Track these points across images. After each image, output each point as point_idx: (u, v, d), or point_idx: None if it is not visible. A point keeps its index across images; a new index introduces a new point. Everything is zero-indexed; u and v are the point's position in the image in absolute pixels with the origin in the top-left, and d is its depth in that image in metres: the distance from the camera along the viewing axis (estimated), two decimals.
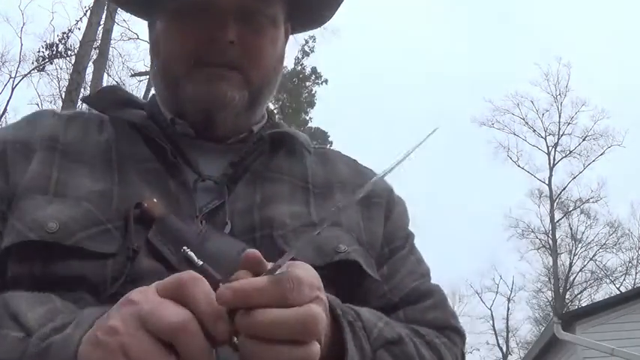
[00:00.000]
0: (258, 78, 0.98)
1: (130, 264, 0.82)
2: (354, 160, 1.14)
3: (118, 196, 0.87)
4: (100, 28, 14.09)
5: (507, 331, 34.32)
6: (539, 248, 32.68)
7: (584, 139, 32.26)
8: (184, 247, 0.83)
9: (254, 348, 0.63)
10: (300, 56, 30.42)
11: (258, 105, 1.01)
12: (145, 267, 0.82)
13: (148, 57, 1.08)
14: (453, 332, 0.95)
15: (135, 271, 0.82)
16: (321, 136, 31.94)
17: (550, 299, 32.20)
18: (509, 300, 34.49)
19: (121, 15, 14.03)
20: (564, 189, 32.40)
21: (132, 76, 17.38)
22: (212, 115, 0.96)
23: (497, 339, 34.36)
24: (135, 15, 1.10)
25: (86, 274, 0.81)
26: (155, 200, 0.87)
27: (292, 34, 1.11)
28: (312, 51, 29.98)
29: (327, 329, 0.71)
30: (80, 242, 0.82)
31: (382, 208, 1.04)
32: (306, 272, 0.67)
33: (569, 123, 32.64)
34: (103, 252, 0.82)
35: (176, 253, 0.83)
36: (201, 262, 0.82)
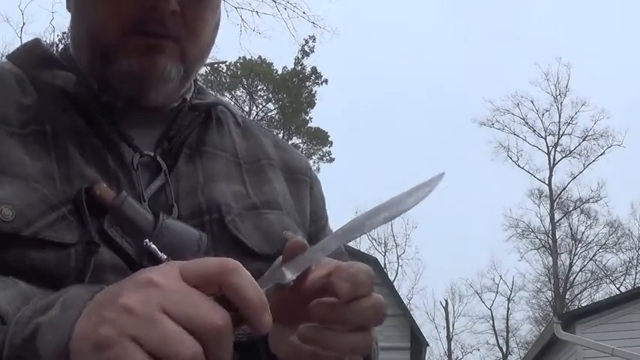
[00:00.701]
0: (195, 51, 0.90)
1: (92, 256, 0.75)
2: (271, 132, 1.11)
3: (60, 175, 0.79)
4: None
5: (507, 331, 34.34)
6: (539, 248, 32.73)
7: (584, 139, 32.32)
8: (146, 240, 0.78)
9: (331, 336, 0.66)
10: (300, 56, 30.41)
11: (189, 79, 0.94)
12: (108, 258, 0.76)
13: None
14: None
15: (97, 263, 0.75)
16: (321, 136, 31.94)
17: (550, 299, 32.22)
18: (509, 300, 34.54)
19: None
20: (564, 189, 32.46)
21: None
22: (145, 90, 0.88)
23: (497, 339, 34.39)
24: None
25: (49, 267, 0.73)
26: (104, 185, 0.80)
27: None
28: (312, 51, 29.97)
29: None
30: (40, 232, 0.74)
31: (307, 186, 1.03)
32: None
33: (569, 123, 32.69)
34: (65, 242, 0.75)
35: (135, 246, 0.78)
36: (165, 256, 0.78)
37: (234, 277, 0.56)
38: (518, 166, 33.08)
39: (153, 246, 0.78)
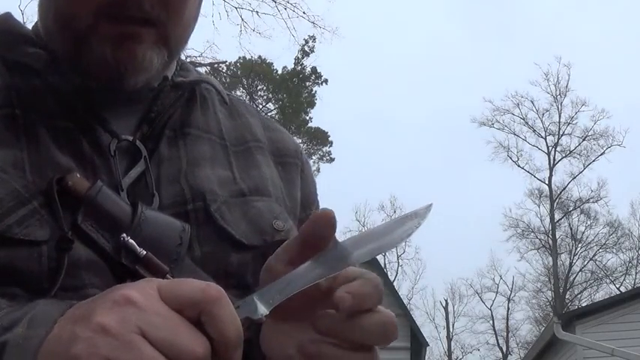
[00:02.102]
0: (177, 34, 0.81)
1: (66, 253, 0.70)
2: (257, 110, 1.03)
3: (30, 165, 0.73)
4: None
5: (507, 331, 34.33)
6: (539, 248, 32.72)
7: (584, 139, 32.31)
8: (124, 235, 0.72)
9: (330, 354, 0.62)
10: (300, 56, 30.41)
11: (174, 60, 0.87)
12: (83, 255, 0.71)
13: None
14: None
15: (72, 261, 0.70)
16: (321, 136, 31.94)
17: (550, 299, 32.22)
18: (509, 300, 34.53)
19: None
20: (564, 189, 32.46)
21: None
22: (122, 78, 0.79)
23: (497, 339, 34.38)
24: None
25: (18, 267, 0.68)
26: (77, 175, 0.73)
27: None
28: (312, 51, 29.97)
29: None
30: (9, 230, 0.68)
31: (297, 169, 0.97)
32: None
33: (569, 123, 32.68)
34: (36, 239, 0.69)
35: (112, 241, 0.72)
36: (144, 252, 0.72)
37: (216, 308, 0.52)
38: (518, 166, 33.11)
39: (131, 241, 0.72)
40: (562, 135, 32.63)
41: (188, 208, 0.80)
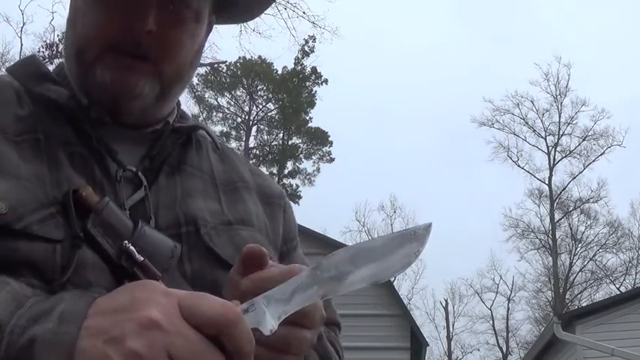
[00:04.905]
0: (170, 71, 0.94)
1: (76, 252, 0.80)
2: (245, 158, 1.19)
3: (50, 180, 0.84)
4: None
5: (507, 331, 34.35)
6: (539, 248, 32.74)
7: (584, 139, 32.33)
8: (125, 242, 0.82)
9: (280, 331, 0.70)
10: (300, 56, 30.40)
11: (168, 98, 0.98)
12: (90, 257, 0.81)
13: None
14: (336, 327, 1.09)
15: (80, 260, 0.80)
16: (321, 136, 31.94)
17: (550, 299, 32.22)
18: (509, 300, 34.55)
19: None
20: (564, 189, 32.47)
21: None
22: (119, 105, 0.93)
23: (497, 339, 34.40)
24: None
25: (36, 259, 0.77)
26: (90, 189, 0.85)
27: (217, 24, 1.09)
28: (312, 51, 29.97)
29: None
30: (30, 227, 0.78)
31: (281, 209, 1.11)
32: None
33: (569, 123, 32.71)
34: (52, 237, 0.79)
35: (114, 246, 0.82)
36: (142, 258, 0.82)
37: (235, 330, 0.61)
38: (518, 166, 33.14)
39: (131, 247, 0.82)
40: (562, 135, 32.69)
41: (181, 231, 0.92)
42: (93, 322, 0.61)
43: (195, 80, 27.47)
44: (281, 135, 32.31)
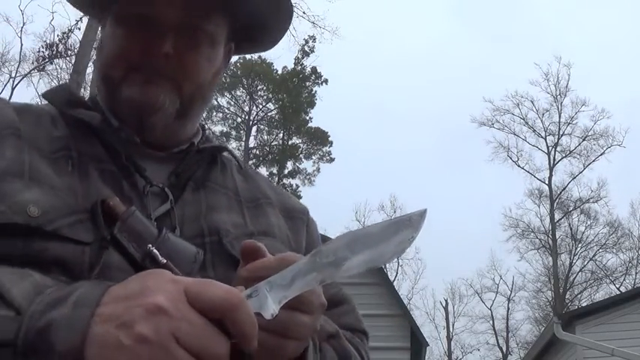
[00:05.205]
0: (189, 89, 1.03)
1: (103, 254, 0.86)
2: (267, 177, 1.28)
3: (81, 192, 0.91)
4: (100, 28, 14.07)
5: (507, 331, 34.36)
6: (539, 248, 32.74)
7: (584, 139, 32.33)
8: (149, 245, 0.88)
9: (291, 318, 0.78)
10: (300, 56, 30.40)
11: (188, 117, 1.07)
12: (115, 260, 0.87)
13: None
14: (362, 334, 1.14)
15: (106, 262, 0.86)
16: (321, 136, 31.94)
17: (550, 299, 32.22)
18: (509, 300, 34.56)
19: None
20: (564, 189, 32.46)
21: None
22: (143, 119, 1.01)
23: (497, 339, 34.40)
24: (88, 15, 1.16)
25: (66, 258, 0.84)
26: (117, 199, 0.92)
27: (237, 54, 1.18)
28: (312, 51, 29.98)
29: None
30: (61, 229, 0.85)
31: (304, 223, 1.18)
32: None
33: (569, 123, 32.71)
34: (82, 240, 0.86)
35: (139, 250, 0.88)
36: (165, 260, 0.87)
37: (238, 314, 0.65)
38: (518, 166, 33.15)
39: (155, 251, 0.87)
40: (562, 135, 32.70)
41: (205, 241, 0.98)
42: (106, 309, 0.65)
43: None
44: (281, 135, 32.31)
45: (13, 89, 21.73)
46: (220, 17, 1.06)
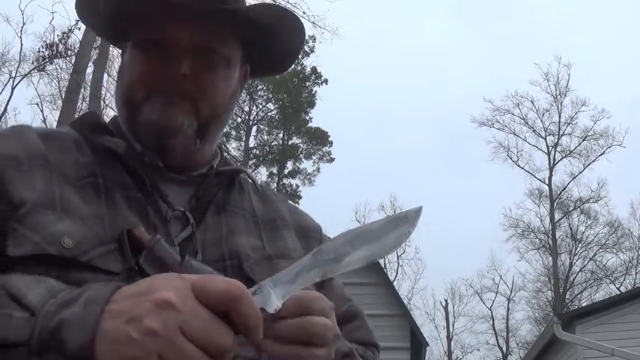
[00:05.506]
0: (207, 109, 1.06)
1: (132, 281, 0.89)
2: (285, 198, 1.34)
3: (109, 221, 0.95)
4: None
5: (507, 331, 34.35)
6: (539, 248, 32.73)
7: (584, 139, 32.31)
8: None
9: (291, 351, 0.80)
10: (300, 56, 30.35)
11: (206, 138, 1.09)
12: None
13: None
14: (373, 347, 1.21)
15: None
16: (321, 136, 31.93)
17: (550, 299, 32.21)
18: (509, 300, 34.55)
19: None
20: (564, 189, 32.45)
21: None
22: (163, 141, 1.05)
23: (497, 339, 34.40)
24: (110, 42, 1.20)
25: None
26: (142, 228, 0.95)
27: (254, 77, 1.22)
28: (312, 51, 29.97)
29: None
30: (93, 260, 0.89)
31: (317, 241, 1.21)
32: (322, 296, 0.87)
33: (569, 123, 32.69)
34: (112, 270, 0.90)
35: None
36: None
37: (241, 306, 0.68)
38: (518, 166, 33.13)
39: None
40: (562, 135, 32.68)
41: (226, 264, 1.02)
42: (116, 306, 0.67)
43: None
44: (281, 135, 32.31)
45: (13, 89, 21.75)
46: (233, 40, 1.09)
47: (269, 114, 32.28)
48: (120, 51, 1.16)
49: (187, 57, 1.04)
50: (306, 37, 1.23)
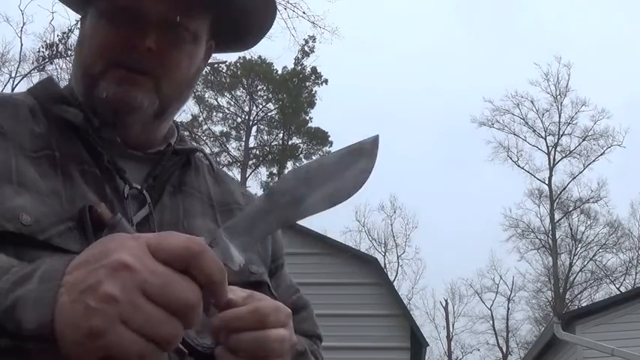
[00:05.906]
0: (169, 88, 1.02)
1: None
2: (237, 180, 1.30)
3: (66, 197, 0.90)
4: None
5: (507, 331, 34.35)
6: (539, 248, 32.73)
7: (584, 139, 32.31)
8: None
9: None
10: (300, 56, 30.38)
11: (166, 115, 1.05)
12: None
13: None
14: (318, 339, 1.19)
15: None
16: (321, 136, 31.93)
17: (550, 299, 32.21)
18: (509, 300, 34.54)
19: None
20: (564, 189, 32.45)
21: None
22: (120, 117, 1.00)
23: (497, 339, 34.40)
24: (69, 7, 1.14)
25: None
26: (104, 206, 0.91)
27: (217, 52, 1.17)
28: (312, 51, 29.96)
29: None
30: (52, 239, 0.85)
31: None
32: (277, 303, 0.86)
33: (569, 123, 32.69)
34: (70, 249, 0.84)
35: None
36: None
37: (202, 261, 0.64)
38: (518, 166, 33.13)
39: None
40: (562, 135, 32.67)
41: None
42: (70, 278, 0.63)
43: None
44: (281, 135, 32.29)
45: (13, 89, 21.71)
46: (203, 15, 1.04)
47: (269, 114, 32.27)
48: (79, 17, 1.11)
49: (154, 30, 0.98)
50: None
